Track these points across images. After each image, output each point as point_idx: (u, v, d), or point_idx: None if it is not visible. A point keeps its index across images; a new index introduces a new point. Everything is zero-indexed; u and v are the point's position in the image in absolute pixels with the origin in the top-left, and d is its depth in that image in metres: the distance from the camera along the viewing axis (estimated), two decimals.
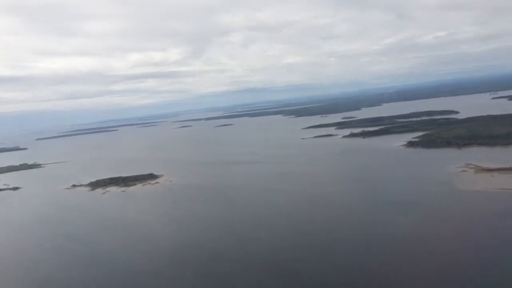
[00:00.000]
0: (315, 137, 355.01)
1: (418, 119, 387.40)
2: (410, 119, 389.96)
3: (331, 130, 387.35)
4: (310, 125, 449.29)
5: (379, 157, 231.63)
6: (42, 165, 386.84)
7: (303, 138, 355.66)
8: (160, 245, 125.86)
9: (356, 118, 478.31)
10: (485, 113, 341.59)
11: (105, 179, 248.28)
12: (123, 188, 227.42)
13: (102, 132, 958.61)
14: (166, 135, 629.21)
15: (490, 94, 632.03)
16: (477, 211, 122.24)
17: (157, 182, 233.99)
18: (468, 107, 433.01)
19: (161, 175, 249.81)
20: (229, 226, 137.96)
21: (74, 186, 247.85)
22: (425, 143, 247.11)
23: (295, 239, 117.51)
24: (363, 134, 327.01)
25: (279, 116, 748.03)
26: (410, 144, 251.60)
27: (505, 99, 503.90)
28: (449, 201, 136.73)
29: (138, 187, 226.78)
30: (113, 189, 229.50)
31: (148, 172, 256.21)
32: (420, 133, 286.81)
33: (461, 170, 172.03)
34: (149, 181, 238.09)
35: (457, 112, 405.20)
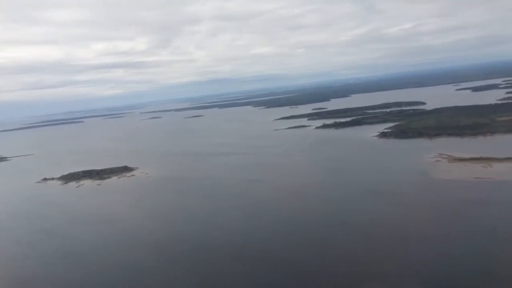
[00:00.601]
0: (288, 128, 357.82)
1: (388, 110, 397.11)
2: (380, 110, 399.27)
3: (303, 121, 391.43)
4: (282, 116, 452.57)
5: (354, 147, 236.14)
6: (8, 158, 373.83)
7: (276, 129, 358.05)
8: (145, 239, 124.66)
9: (327, 109, 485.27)
10: (451, 104, 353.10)
11: (78, 172, 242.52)
12: (98, 181, 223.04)
13: (68, 123, 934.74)
14: (135, 126, 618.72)
15: (454, 85, 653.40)
16: (454, 199, 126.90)
17: (133, 175, 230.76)
18: (434, 98, 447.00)
19: (136, 168, 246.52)
20: (213, 218, 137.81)
21: (45, 179, 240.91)
22: (398, 133, 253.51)
23: (280, 229, 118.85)
24: (336, 125, 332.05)
25: (249, 107, 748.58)
26: (383, 134, 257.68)
27: (469, 91, 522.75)
28: (426, 190, 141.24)
29: (113, 180, 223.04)
30: (87, 182, 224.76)
31: (123, 165, 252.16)
32: (391, 124, 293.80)
33: (435, 160, 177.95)
34: (124, 174, 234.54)
35: (424, 103, 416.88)
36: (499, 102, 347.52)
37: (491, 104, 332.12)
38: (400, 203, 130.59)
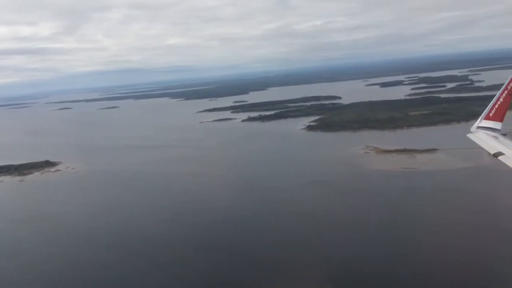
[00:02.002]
0: (214, 121, 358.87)
1: (308, 103, 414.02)
2: (301, 104, 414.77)
3: (228, 114, 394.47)
4: (205, 109, 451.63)
5: (285, 140, 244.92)
6: None
7: (202, 122, 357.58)
8: (88, 236, 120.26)
9: (248, 102, 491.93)
10: (365, 99, 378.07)
11: None
12: (19, 178, 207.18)
13: None
14: (45, 118, 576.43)
15: (363, 81, 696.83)
16: (388, 187, 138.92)
17: (58, 170, 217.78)
18: (348, 93, 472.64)
19: (60, 162, 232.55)
20: (157, 213, 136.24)
21: None
22: (323, 126, 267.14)
23: (227, 222, 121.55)
24: (261, 118, 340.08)
25: (167, 99, 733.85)
26: (310, 127, 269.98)
27: (377, 86, 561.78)
28: (361, 180, 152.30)
29: (37, 176, 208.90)
30: (6, 178, 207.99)
31: (43, 159, 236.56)
32: (314, 117, 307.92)
33: (364, 152, 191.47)
34: (47, 169, 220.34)
35: (340, 98, 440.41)
36: (408, 97, 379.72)
37: (401, 99, 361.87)
38: (336, 193, 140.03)
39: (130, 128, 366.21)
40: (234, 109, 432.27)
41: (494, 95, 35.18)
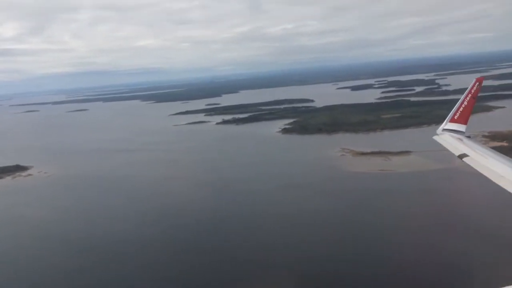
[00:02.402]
0: (188, 123, 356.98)
1: (282, 106, 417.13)
2: (274, 107, 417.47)
3: (201, 117, 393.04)
4: (177, 112, 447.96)
5: (261, 143, 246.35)
6: None
7: (176, 125, 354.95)
8: (63, 239, 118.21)
9: (221, 105, 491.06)
10: (337, 102, 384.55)
11: None
12: None
13: None
14: (10, 120, 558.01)
15: (333, 84, 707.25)
16: (367, 189, 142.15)
17: (29, 174, 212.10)
18: (320, 96, 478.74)
19: (31, 166, 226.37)
20: (132, 216, 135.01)
21: None
22: (299, 129, 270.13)
23: (203, 224, 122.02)
24: (236, 121, 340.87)
25: (137, 101, 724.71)
26: (286, 130, 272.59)
27: (348, 89, 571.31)
28: (339, 181, 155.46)
29: (8, 181, 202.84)
30: None
31: (13, 163, 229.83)
32: (288, 120, 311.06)
33: (340, 154, 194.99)
34: (19, 173, 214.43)
35: (313, 101, 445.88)
36: (379, 101, 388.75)
37: (372, 103, 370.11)
38: (315, 195, 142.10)
39: (102, 131, 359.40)
40: (207, 112, 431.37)
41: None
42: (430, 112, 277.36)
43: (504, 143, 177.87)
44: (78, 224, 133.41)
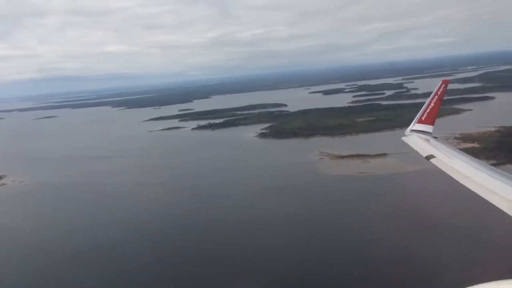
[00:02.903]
0: (163, 129, 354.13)
1: (256, 111, 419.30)
2: (249, 112, 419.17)
3: (176, 123, 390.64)
4: (150, 118, 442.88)
5: (239, 148, 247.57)
6: None
7: (151, 131, 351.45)
8: (45, 248, 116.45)
9: (194, 111, 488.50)
10: (311, 107, 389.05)
11: None
12: None
13: None
14: None
15: (305, 88, 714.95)
16: (349, 191, 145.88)
17: (4, 184, 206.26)
18: (293, 100, 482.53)
19: (5, 175, 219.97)
20: (112, 224, 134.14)
21: None
22: (275, 134, 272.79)
23: (181, 230, 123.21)
24: (212, 126, 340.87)
25: (108, 108, 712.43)
26: (263, 135, 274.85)
27: (320, 94, 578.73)
28: (320, 184, 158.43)
29: None
30: None
31: None
32: (264, 125, 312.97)
33: (319, 157, 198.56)
34: None
35: (286, 105, 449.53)
36: (352, 105, 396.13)
37: (345, 107, 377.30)
38: (296, 198, 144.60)
39: (74, 139, 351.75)
40: (181, 117, 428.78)
41: None
42: (401, 115, 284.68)
43: (475, 144, 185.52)
44: (62, 231, 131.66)
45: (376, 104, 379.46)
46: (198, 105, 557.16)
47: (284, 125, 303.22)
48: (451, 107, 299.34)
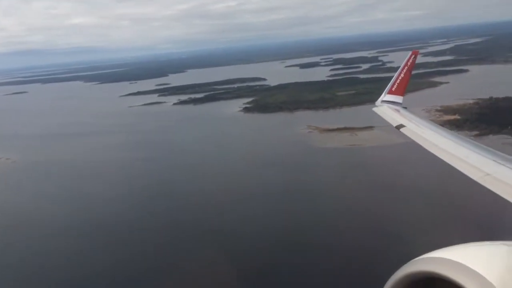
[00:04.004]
0: (144, 105, 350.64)
1: (235, 85, 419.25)
2: (228, 86, 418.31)
3: (155, 98, 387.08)
4: (128, 93, 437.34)
5: (225, 123, 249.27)
6: None
7: (131, 106, 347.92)
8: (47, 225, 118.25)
9: (172, 85, 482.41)
10: (291, 80, 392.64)
11: None
12: None
13: None
14: None
15: (280, 62, 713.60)
16: (343, 163, 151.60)
17: None
18: (271, 74, 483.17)
19: None
20: (128, 201, 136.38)
21: None
22: (259, 108, 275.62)
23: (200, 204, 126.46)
24: (193, 101, 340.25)
25: (80, 82, 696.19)
26: (247, 109, 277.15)
27: (297, 67, 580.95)
28: (315, 157, 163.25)
29: None
30: None
31: None
32: (246, 99, 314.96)
33: (307, 131, 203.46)
34: None
35: (265, 79, 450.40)
36: (331, 78, 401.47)
37: (325, 81, 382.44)
38: (294, 171, 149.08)
39: (55, 115, 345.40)
40: (160, 92, 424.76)
41: None
42: (380, 88, 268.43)
43: (457, 116, 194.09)
44: (57, 208, 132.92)
45: (355, 78, 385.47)
46: (175, 80, 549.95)
47: (267, 99, 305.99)
48: (428, 80, 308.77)
